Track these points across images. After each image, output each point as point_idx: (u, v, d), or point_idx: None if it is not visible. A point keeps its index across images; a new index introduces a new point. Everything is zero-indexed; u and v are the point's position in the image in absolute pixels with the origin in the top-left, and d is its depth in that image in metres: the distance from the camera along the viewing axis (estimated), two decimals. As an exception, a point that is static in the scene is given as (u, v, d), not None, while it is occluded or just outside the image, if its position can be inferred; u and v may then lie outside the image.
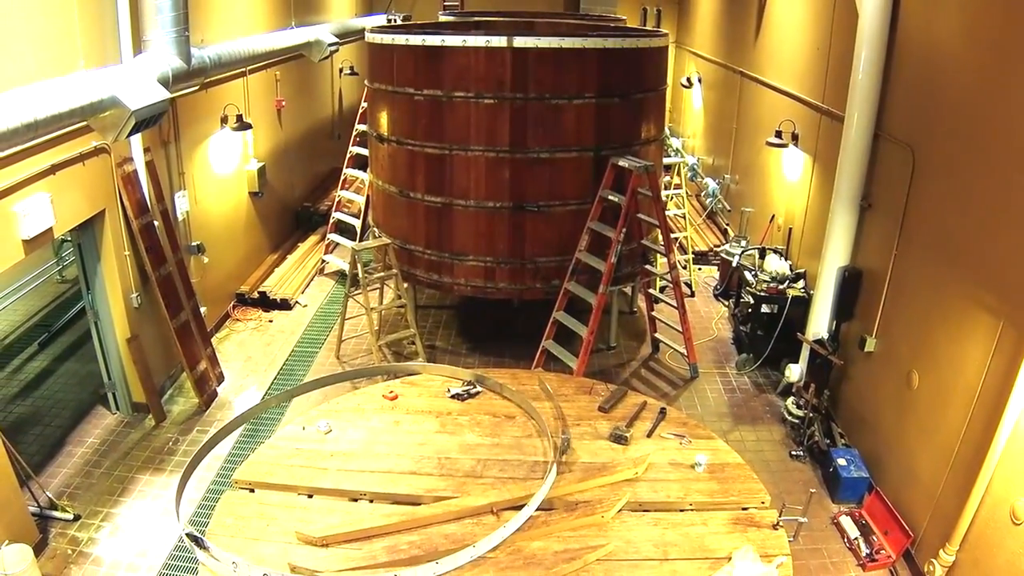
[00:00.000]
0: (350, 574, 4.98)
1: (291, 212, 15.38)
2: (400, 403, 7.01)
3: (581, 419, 6.79)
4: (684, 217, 14.00)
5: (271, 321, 12.24)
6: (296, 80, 14.94)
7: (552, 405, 6.92)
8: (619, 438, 6.44)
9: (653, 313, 11.24)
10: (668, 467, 6.16)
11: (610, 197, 9.43)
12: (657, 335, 11.26)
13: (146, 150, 9.10)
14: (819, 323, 9.22)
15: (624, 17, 17.63)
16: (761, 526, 5.59)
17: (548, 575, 5.08)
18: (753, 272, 10.93)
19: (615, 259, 9.30)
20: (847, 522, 7.80)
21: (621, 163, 9.36)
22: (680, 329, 10.49)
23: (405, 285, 10.64)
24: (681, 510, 5.76)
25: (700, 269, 14.18)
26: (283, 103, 14.01)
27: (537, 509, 5.54)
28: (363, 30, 11.33)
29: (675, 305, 10.41)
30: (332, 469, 6.08)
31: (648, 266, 10.95)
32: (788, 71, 12.02)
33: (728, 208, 15.67)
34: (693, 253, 13.95)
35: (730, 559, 5.15)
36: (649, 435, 6.56)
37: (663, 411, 6.87)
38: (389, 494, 5.85)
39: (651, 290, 11.27)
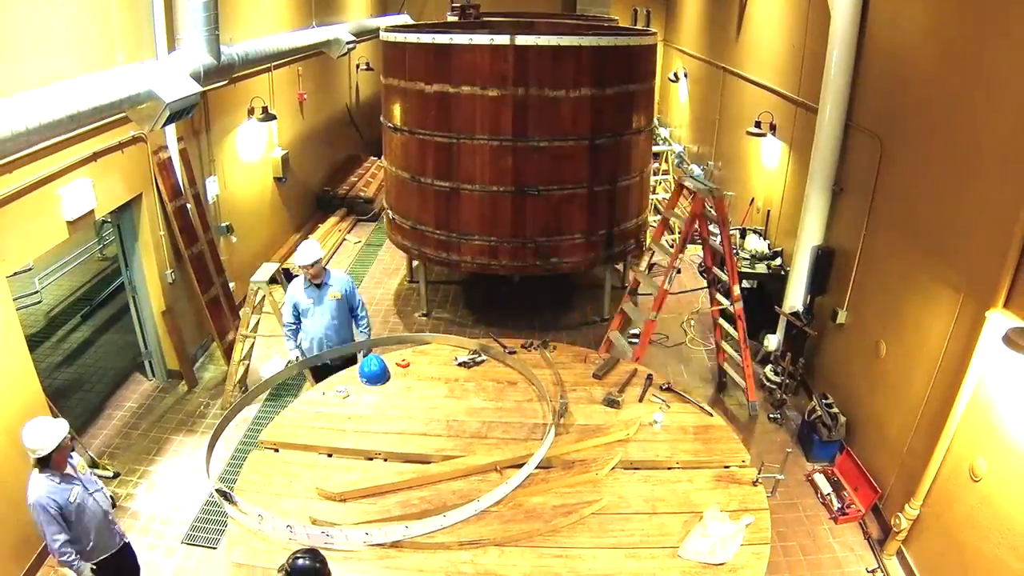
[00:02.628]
0: (366, 526, 4.95)
1: (312, 195, 15.29)
2: (412, 370, 6.99)
3: (577, 385, 6.77)
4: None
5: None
6: (317, 75, 14.83)
7: (551, 372, 6.89)
8: (612, 403, 6.40)
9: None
10: (656, 429, 6.15)
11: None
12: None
13: (180, 139, 9.04)
14: (795, 297, 9.16)
15: (616, 18, 17.46)
16: (742, 483, 5.57)
17: (547, 527, 5.07)
18: (735, 251, 10.84)
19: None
20: (820, 479, 7.77)
21: (686, 184, 8.67)
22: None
23: (416, 263, 10.57)
24: (669, 468, 5.74)
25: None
26: (305, 96, 13.90)
27: (537, 467, 5.53)
28: (378, 29, 11.23)
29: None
30: (350, 431, 6.08)
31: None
32: (767, 67, 11.90)
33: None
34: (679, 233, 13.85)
35: (702, 517, 5.13)
36: (640, 400, 6.54)
37: (650, 377, 6.84)
38: (402, 453, 5.84)
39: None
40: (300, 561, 4.39)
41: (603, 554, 4.92)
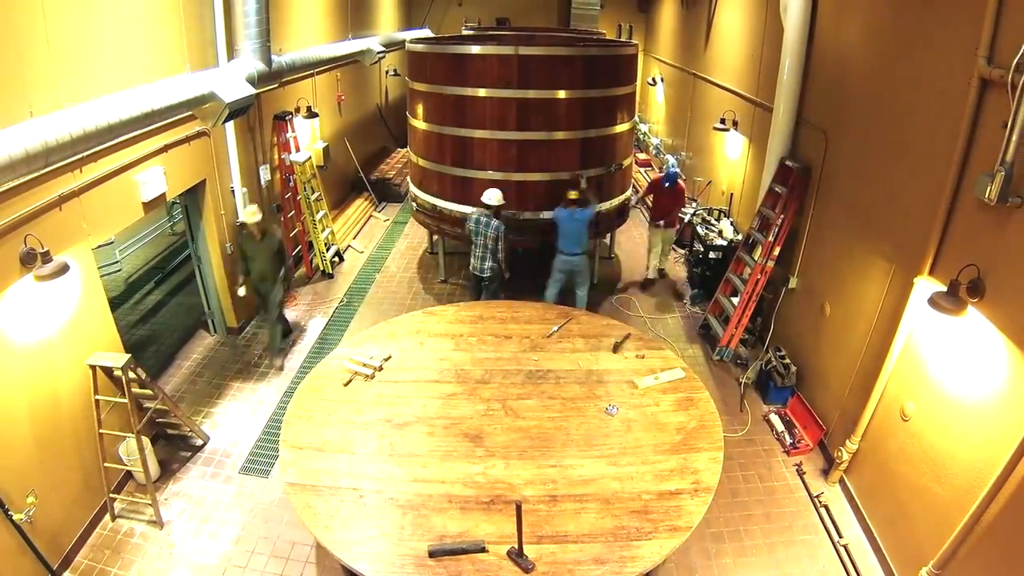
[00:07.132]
0: (389, 448, 4.96)
1: (348, 180, 15.17)
2: (423, 328, 6.97)
3: (562, 338, 6.78)
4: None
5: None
6: (352, 80, 14.66)
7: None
8: (616, 347, 6.52)
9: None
10: (631, 374, 6.18)
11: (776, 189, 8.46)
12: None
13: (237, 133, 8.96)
14: (754, 266, 9.07)
15: (604, 31, 17.27)
16: (699, 406, 5.71)
17: (543, 443, 5.13)
18: (703, 227, 10.79)
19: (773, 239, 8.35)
20: (775, 419, 7.73)
21: (788, 163, 8.28)
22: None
23: (435, 237, 10.49)
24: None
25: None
26: (342, 97, 13.76)
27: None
28: (404, 41, 11.11)
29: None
30: (376, 378, 6.07)
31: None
32: (730, 72, 11.73)
33: (684, 178, 15.41)
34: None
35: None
36: (614, 350, 6.58)
37: (628, 335, 6.85)
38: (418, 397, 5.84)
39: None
40: None
41: (589, 463, 5.07)
